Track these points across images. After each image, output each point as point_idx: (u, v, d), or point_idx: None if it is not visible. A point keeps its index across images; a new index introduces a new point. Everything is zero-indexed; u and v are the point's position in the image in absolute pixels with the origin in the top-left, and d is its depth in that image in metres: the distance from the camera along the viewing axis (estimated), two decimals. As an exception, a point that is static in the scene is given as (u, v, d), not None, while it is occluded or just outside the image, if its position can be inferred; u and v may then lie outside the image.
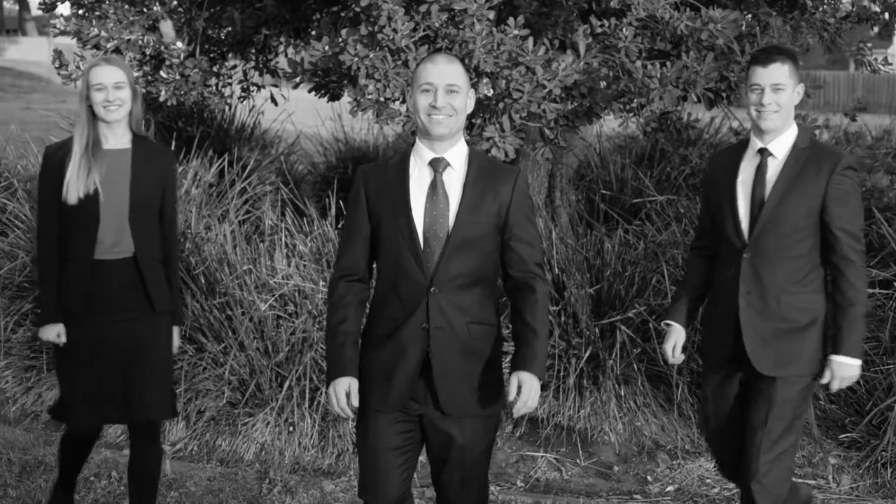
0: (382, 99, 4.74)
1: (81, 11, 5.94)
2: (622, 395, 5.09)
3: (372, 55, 4.68)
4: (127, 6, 5.79)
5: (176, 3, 6.41)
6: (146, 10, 5.87)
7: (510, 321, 3.20)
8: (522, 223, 3.10)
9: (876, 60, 6.00)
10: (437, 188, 3.05)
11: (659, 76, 4.90)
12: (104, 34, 5.56)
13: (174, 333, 3.93)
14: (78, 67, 5.64)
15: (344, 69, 4.84)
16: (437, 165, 3.07)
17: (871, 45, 6.08)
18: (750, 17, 5.74)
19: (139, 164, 3.77)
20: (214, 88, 6.09)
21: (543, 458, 4.94)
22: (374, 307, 3.16)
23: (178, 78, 5.72)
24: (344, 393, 3.05)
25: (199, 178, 6.25)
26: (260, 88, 6.82)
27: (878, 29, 6.41)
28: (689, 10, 5.04)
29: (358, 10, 4.80)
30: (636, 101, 5.11)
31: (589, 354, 5.10)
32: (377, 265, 3.16)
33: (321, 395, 4.94)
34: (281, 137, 8.75)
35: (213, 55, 6.47)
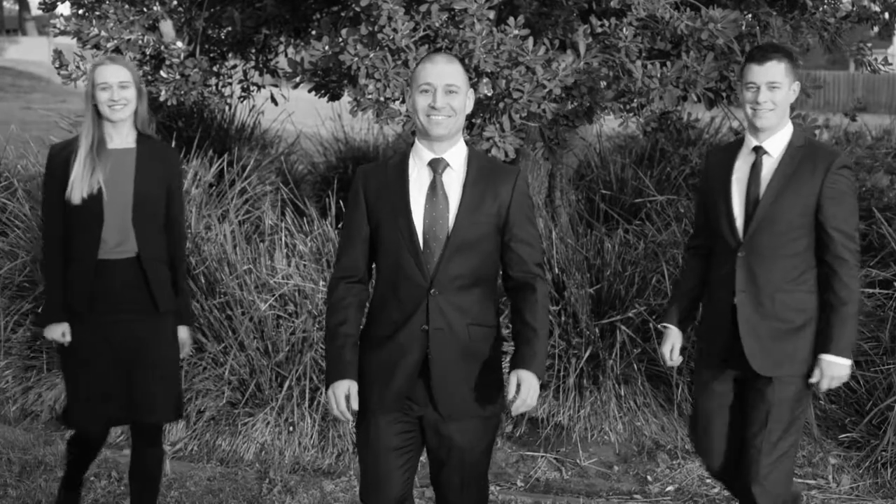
0: (382, 99, 4.74)
1: (81, 11, 5.95)
2: (622, 394, 5.09)
3: (372, 55, 4.68)
4: (127, 6, 5.79)
5: (176, 2, 6.41)
6: (146, 9, 5.87)
7: (510, 321, 3.19)
8: (522, 223, 3.09)
9: (876, 60, 6.00)
10: (436, 189, 3.04)
11: (659, 76, 4.90)
12: (104, 34, 5.56)
13: (185, 334, 3.92)
14: (78, 67, 5.63)
15: (344, 69, 4.84)
16: (436, 166, 3.06)
17: (871, 45, 6.08)
18: (750, 16, 5.74)
19: (143, 163, 3.75)
20: (214, 88, 6.10)
21: (543, 458, 4.94)
22: (373, 308, 3.16)
23: (178, 78, 5.72)
24: (343, 396, 3.04)
25: (199, 177, 6.25)
26: (260, 88, 6.82)
27: (878, 29, 6.41)
28: (689, 9, 5.04)
29: (358, 9, 4.80)
30: (636, 100, 5.11)
31: (589, 354, 5.09)
32: (377, 266, 3.15)
33: (321, 394, 4.94)
34: (281, 137, 8.74)
35: (213, 55, 6.46)
